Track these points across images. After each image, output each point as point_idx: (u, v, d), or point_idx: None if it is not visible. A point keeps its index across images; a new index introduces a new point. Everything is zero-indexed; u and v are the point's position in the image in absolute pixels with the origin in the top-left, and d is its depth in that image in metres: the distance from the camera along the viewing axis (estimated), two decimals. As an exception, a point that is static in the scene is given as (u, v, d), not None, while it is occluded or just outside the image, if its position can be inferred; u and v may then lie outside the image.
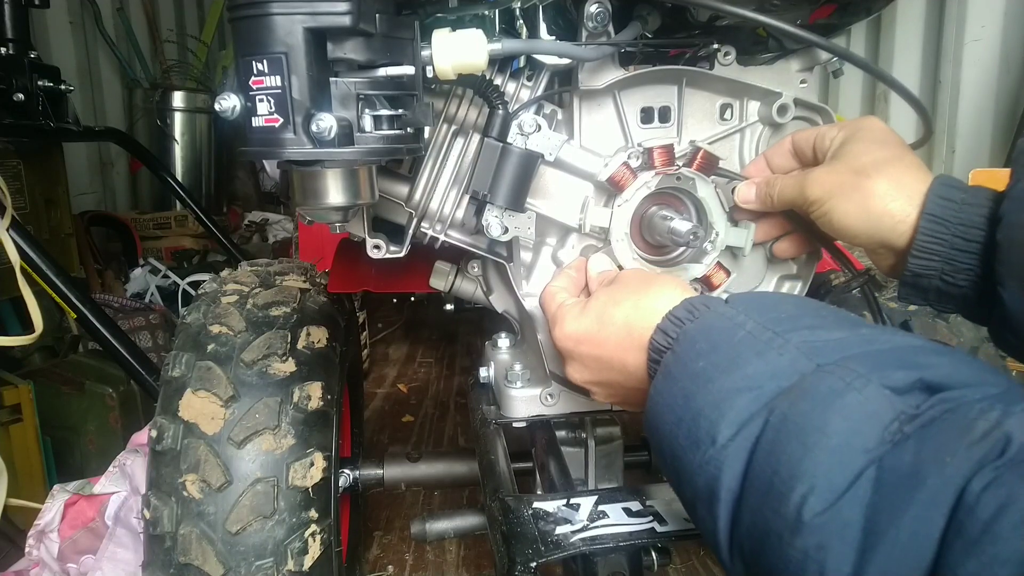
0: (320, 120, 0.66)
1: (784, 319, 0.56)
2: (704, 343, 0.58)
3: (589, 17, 0.85)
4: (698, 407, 0.54)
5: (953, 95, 1.98)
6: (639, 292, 0.71)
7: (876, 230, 0.72)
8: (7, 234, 1.61)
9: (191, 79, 4.66)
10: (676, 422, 0.56)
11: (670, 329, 0.63)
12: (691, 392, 0.56)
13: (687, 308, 0.63)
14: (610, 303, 0.72)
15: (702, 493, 0.53)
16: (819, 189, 0.75)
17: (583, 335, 0.74)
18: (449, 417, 2.46)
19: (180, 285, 3.13)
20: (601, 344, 0.71)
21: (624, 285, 0.74)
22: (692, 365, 0.57)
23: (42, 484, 1.92)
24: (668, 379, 0.60)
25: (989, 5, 1.88)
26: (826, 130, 0.80)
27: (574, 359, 0.76)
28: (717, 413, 0.52)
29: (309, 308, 1.10)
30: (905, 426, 0.43)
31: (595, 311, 0.73)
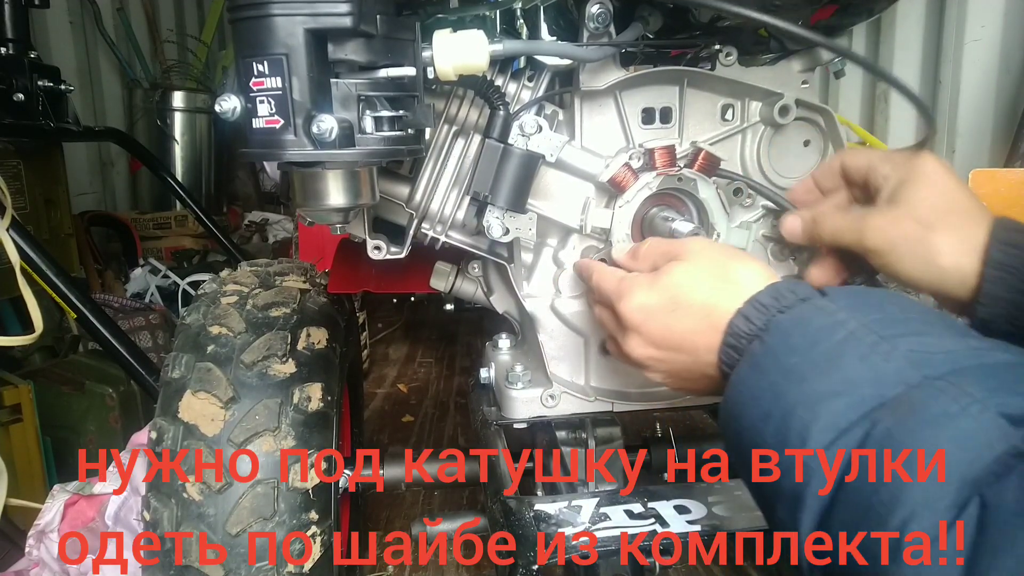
0: (321, 121, 0.66)
1: (890, 322, 0.53)
2: (800, 338, 0.55)
3: (590, 18, 0.84)
4: (789, 405, 0.52)
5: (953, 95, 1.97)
6: (721, 272, 0.67)
7: (942, 283, 0.69)
8: (7, 234, 1.61)
9: (191, 79, 4.66)
10: (763, 417, 0.55)
11: (754, 315, 0.60)
12: (782, 388, 0.54)
13: (773, 295, 0.60)
14: (689, 281, 0.67)
15: (785, 494, 0.52)
16: (881, 239, 0.72)
17: (655, 309, 0.69)
18: (449, 417, 2.46)
19: (180, 285, 3.13)
20: (675, 323, 0.67)
21: (701, 262, 0.69)
22: (785, 359, 0.55)
23: (42, 484, 1.92)
24: (756, 370, 0.57)
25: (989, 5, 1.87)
26: (879, 163, 0.76)
27: (639, 334, 0.71)
28: (811, 415, 0.50)
29: (309, 309, 1.10)
30: (1014, 460, 0.41)
31: (670, 287, 0.68)
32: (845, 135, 0.99)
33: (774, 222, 1.02)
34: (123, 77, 4.24)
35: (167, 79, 4.50)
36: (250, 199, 4.95)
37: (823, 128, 0.99)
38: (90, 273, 2.88)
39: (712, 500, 0.82)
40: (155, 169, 3.17)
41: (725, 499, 0.82)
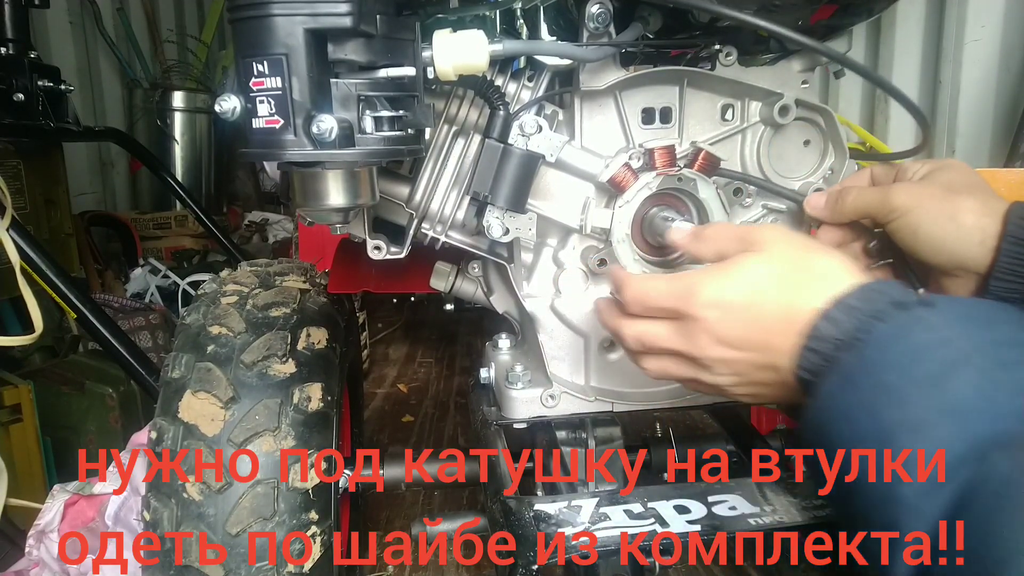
0: (321, 121, 0.66)
1: (1005, 344, 0.49)
2: (899, 354, 0.50)
3: (590, 18, 0.84)
4: (888, 429, 0.48)
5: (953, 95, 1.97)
6: (802, 266, 0.61)
7: (962, 245, 0.68)
8: (7, 234, 1.61)
9: (191, 79, 4.65)
10: (859, 439, 0.50)
11: (842, 320, 0.55)
12: (877, 408, 0.49)
13: (862, 297, 0.55)
14: (764, 273, 0.62)
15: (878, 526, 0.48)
16: (906, 197, 0.72)
17: (730, 303, 0.63)
18: (449, 417, 2.46)
19: (180, 285, 3.12)
20: (751, 319, 0.62)
21: (778, 254, 0.63)
22: (882, 375, 0.50)
23: (42, 484, 1.92)
24: (848, 385, 0.52)
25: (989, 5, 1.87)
26: (909, 163, 0.79)
27: (712, 332, 0.64)
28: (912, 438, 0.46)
29: (309, 309, 1.10)
30: None
31: (747, 282, 0.63)
32: (845, 135, 0.99)
33: (774, 221, 1.02)
34: (123, 77, 4.24)
35: (167, 79, 4.49)
36: (250, 199, 4.95)
37: (823, 128, 0.99)
38: (90, 273, 2.88)
39: (712, 500, 0.82)
40: (155, 169, 3.17)
41: (725, 499, 0.82)
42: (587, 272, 0.99)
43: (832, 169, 1.00)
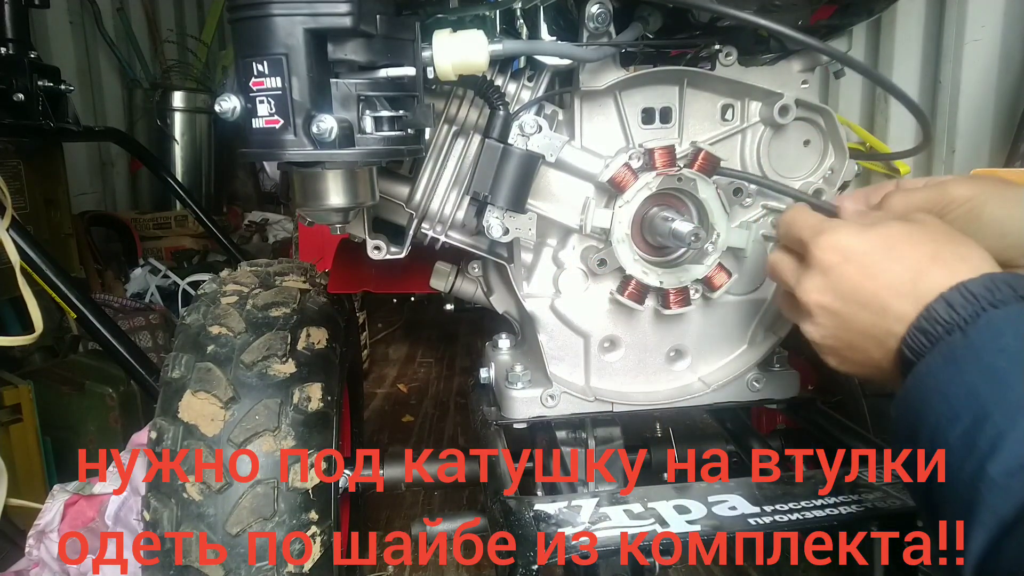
0: (321, 121, 0.66)
1: None
2: (1012, 339, 0.50)
3: (590, 18, 0.84)
4: (986, 409, 0.48)
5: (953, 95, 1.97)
6: (943, 241, 0.60)
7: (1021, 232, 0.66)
8: (7, 234, 1.61)
9: (191, 79, 4.65)
10: (951, 417, 0.50)
11: (959, 304, 0.54)
12: (979, 390, 0.49)
13: (986, 285, 0.54)
14: (906, 237, 0.61)
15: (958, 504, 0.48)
16: (965, 188, 0.69)
17: (858, 254, 0.62)
18: (449, 417, 2.46)
19: (180, 285, 3.12)
20: (875, 275, 0.61)
21: (927, 226, 0.63)
22: (989, 360, 0.50)
23: (42, 484, 1.92)
24: (951, 364, 0.52)
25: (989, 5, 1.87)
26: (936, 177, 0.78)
27: (826, 277, 0.64)
28: (1010, 424, 0.46)
29: (309, 309, 1.10)
30: None
31: (883, 237, 0.62)
32: (845, 135, 0.99)
33: (774, 221, 1.02)
34: (123, 77, 4.24)
35: (167, 79, 4.49)
36: (250, 199, 4.94)
37: (823, 128, 0.99)
38: (90, 273, 2.88)
39: (712, 500, 0.82)
40: (155, 169, 3.17)
41: (725, 499, 0.82)
42: (587, 272, 0.99)
43: (832, 169, 1.00)
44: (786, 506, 0.80)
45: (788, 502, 0.81)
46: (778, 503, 0.81)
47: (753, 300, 1.03)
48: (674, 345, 1.03)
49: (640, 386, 1.04)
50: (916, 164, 2.12)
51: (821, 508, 0.80)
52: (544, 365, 0.99)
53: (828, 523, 0.78)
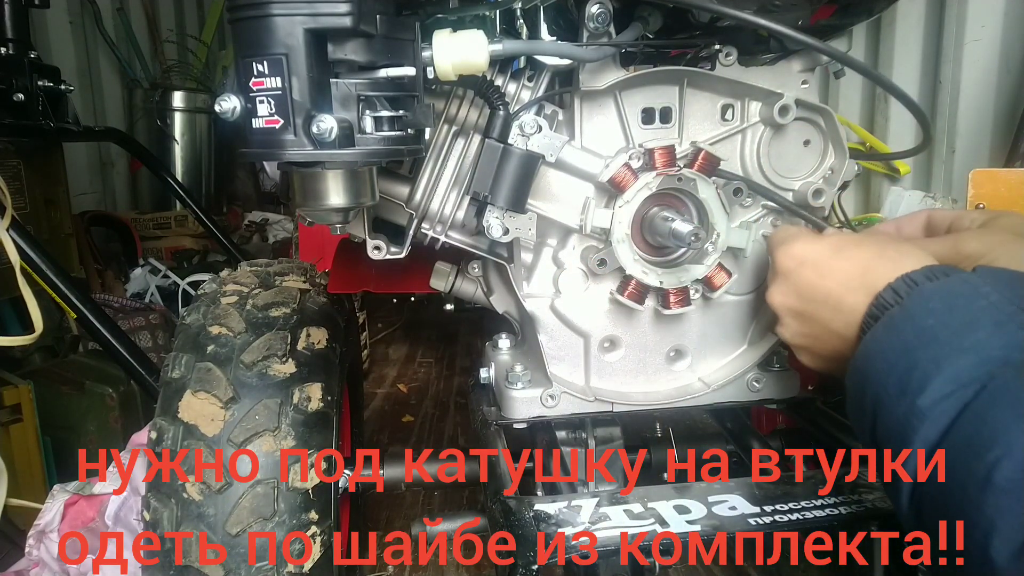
0: (321, 121, 0.66)
1: None
2: (939, 303, 0.58)
3: (590, 18, 0.84)
4: (915, 359, 0.55)
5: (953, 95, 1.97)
6: (888, 243, 0.69)
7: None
8: (7, 234, 1.61)
9: (191, 79, 4.65)
10: (887, 370, 0.57)
11: (902, 289, 0.62)
12: (912, 345, 0.56)
13: (927, 274, 0.62)
14: (853, 242, 0.70)
15: (895, 439, 0.55)
16: (977, 243, 0.73)
17: (811, 258, 0.72)
18: (449, 417, 2.46)
19: (180, 285, 3.12)
20: (827, 274, 0.69)
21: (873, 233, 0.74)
22: (920, 321, 0.57)
23: (42, 484, 1.92)
24: (890, 329, 0.60)
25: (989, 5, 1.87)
26: (965, 213, 0.80)
27: (787, 282, 0.74)
28: (935, 368, 0.53)
29: (309, 309, 1.10)
30: None
31: (833, 242, 0.71)
32: (845, 135, 0.99)
33: (774, 221, 1.02)
34: (123, 77, 4.24)
35: (167, 79, 4.49)
36: (250, 199, 4.95)
37: (823, 128, 0.99)
38: (90, 273, 2.88)
39: (712, 500, 0.82)
40: (155, 169, 3.17)
41: (725, 499, 0.82)
42: (587, 272, 0.99)
43: (832, 169, 1.00)
44: (786, 506, 0.80)
45: (788, 502, 0.81)
46: (778, 503, 0.81)
47: (753, 300, 1.03)
48: (674, 345, 1.03)
49: (640, 386, 1.04)
50: (916, 164, 2.12)
51: (821, 508, 0.80)
52: (544, 365, 0.99)
53: (828, 523, 0.78)
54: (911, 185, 2.14)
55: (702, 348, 1.04)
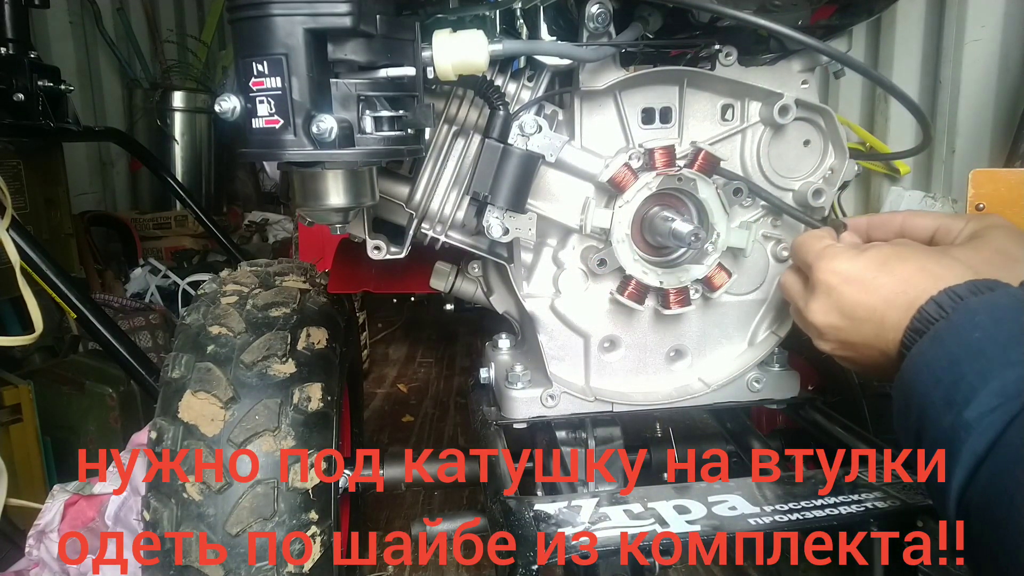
0: (320, 121, 0.66)
1: None
2: (986, 317, 0.57)
3: (590, 18, 0.84)
4: (961, 372, 0.55)
5: (953, 95, 1.97)
6: (929, 256, 0.68)
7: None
8: (7, 234, 1.61)
9: (191, 79, 4.65)
10: (934, 383, 0.57)
11: (946, 303, 0.62)
12: (958, 358, 0.56)
13: (970, 288, 0.62)
14: (895, 256, 0.69)
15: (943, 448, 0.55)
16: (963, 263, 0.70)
17: (854, 275, 0.70)
18: (449, 417, 2.46)
19: (180, 285, 3.12)
20: (871, 291, 0.69)
21: (913, 245, 0.71)
22: (967, 335, 0.57)
23: (42, 484, 1.92)
24: (935, 343, 0.60)
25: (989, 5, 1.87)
26: (951, 222, 0.78)
27: (828, 297, 0.73)
28: (981, 381, 0.53)
29: (309, 309, 1.10)
30: None
31: (876, 257, 0.70)
32: (845, 135, 0.99)
33: (774, 221, 1.02)
34: (123, 77, 4.24)
35: (167, 79, 4.49)
36: (250, 199, 4.94)
37: (823, 128, 0.99)
38: (90, 273, 2.88)
39: (712, 500, 0.82)
40: (155, 169, 3.16)
41: (725, 499, 0.82)
42: (587, 272, 0.99)
43: (832, 169, 1.00)
44: (786, 506, 0.80)
45: (788, 502, 0.81)
46: (778, 503, 0.81)
47: (753, 300, 1.03)
48: (674, 345, 1.03)
49: (640, 386, 1.04)
50: (916, 164, 2.12)
51: (821, 508, 0.80)
52: (544, 365, 0.99)
53: (828, 523, 0.78)
54: (911, 185, 2.14)
55: (702, 348, 1.05)
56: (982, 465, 0.51)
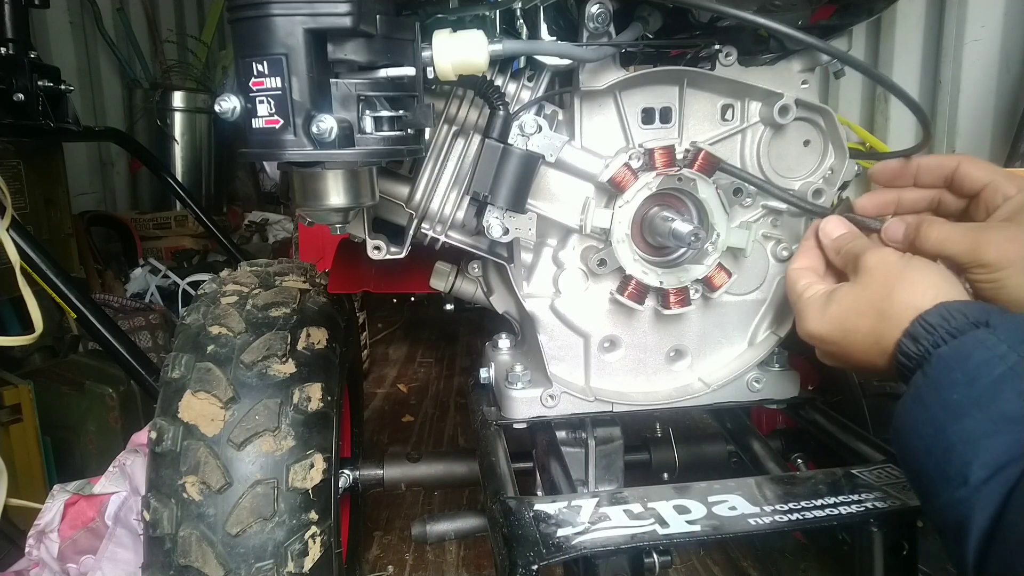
0: (320, 121, 0.66)
1: None
2: (960, 373, 0.56)
3: (590, 18, 0.84)
4: (950, 442, 0.55)
5: (953, 95, 1.97)
6: (885, 298, 0.67)
7: None
8: (7, 234, 1.61)
9: (191, 79, 4.65)
10: (925, 451, 0.57)
11: (922, 336, 0.62)
12: (942, 423, 0.56)
13: (941, 315, 0.61)
14: (853, 312, 0.70)
15: (950, 526, 0.55)
16: (997, 253, 0.67)
17: (826, 338, 0.73)
18: (449, 417, 2.46)
19: (180, 285, 3.12)
20: (846, 349, 0.71)
21: (868, 287, 0.70)
22: (945, 394, 0.57)
23: (42, 484, 1.92)
24: (918, 403, 0.59)
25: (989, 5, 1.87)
26: (1003, 182, 0.74)
27: (819, 351, 0.77)
28: (971, 452, 0.53)
29: (309, 309, 1.10)
30: None
31: (838, 317, 0.72)
32: (845, 135, 0.99)
33: (774, 221, 1.02)
34: (123, 77, 4.24)
35: (167, 79, 4.49)
36: (250, 199, 4.94)
37: (823, 128, 0.99)
38: (90, 273, 2.88)
39: (712, 500, 0.82)
40: (155, 169, 3.17)
41: (725, 499, 0.82)
42: (587, 272, 0.99)
43: (832, 169, 1.00)
44: (786, 506, 0.80)
45: (788, 502, 0.81)
46: (778, 503, 0.81)
47: (753, 300, 1.03)
48: (674, 345, 1.03)
49: (640, 386, 1.04)
50: (916, 164, 2.12)
51: (821, 508, 0.79)
52: (544, 365, 0.99)
53: (828, 523, 0.78)
54: (911, 185, 2.13)
55: (702, 348, 1.04)
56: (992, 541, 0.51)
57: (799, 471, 1.01)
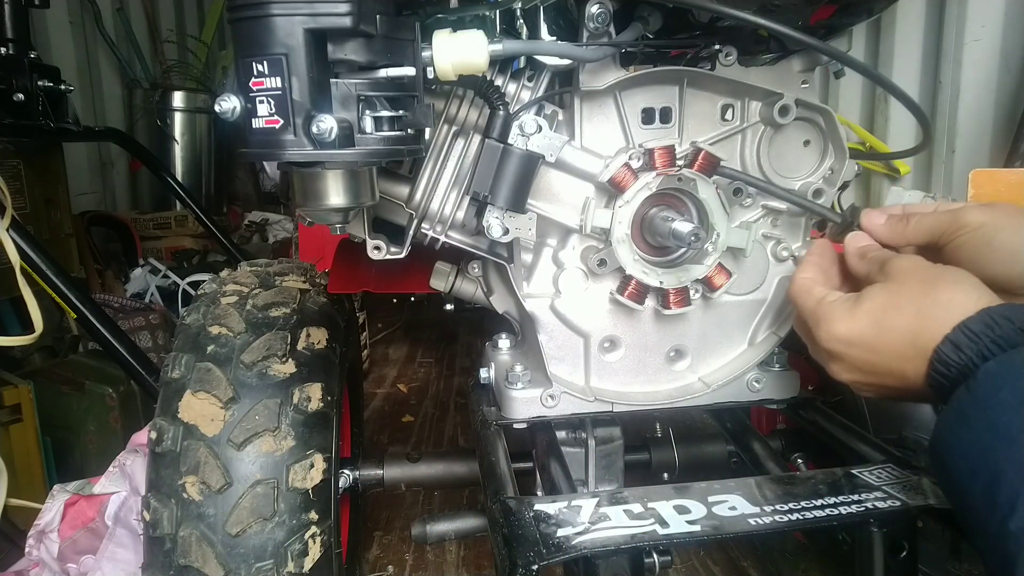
0: (320, 121, 0.66)
1: None
2: (1010, 394, 0.53)
3: (590, 18, 0.84)
4: (999, 467, 0.52)
5: (953, 95, 1.97)
6: (924, 295, 0.64)
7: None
8: (7, 234, 1.61)
9: (191, 79, 4.65)
10: (970, 473, 0.54)
11: (964, 345, 0.59)
12: (991, 447, 0.53)
13: (985, 322, 0.58)
14: (890, 307, 0.66)
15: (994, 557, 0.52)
16: (978, 213, 0.70)
17: (857, 339, 0.68)
18: (449, 417, 2.46)
19: (180, 285, 3.12)
20: (878, 351, 0.67)
21: (904, 284, 0.67)
22: (994, 415, 0.54)
23: (42, 484, 1.92)
24: (962, 421, 0.56)
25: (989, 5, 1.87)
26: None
27: (842, 360, 0.71)
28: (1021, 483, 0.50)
29: (309, 309, 1.10)
30: None
31: (871, 314, 0.68)
32: (845, 135, 0.99)
33: (774, 221, 1.02)
34: (123, 77, 4.24)
35: (167, 79, 4.49)
36: (250, 199, 4.94)
37: (823, 128, 0.99)
38: (90, 273, 2.88)
39: (712, 500, 0.82)
40: (155, 169, 3.17)
41: (725, 499, 0.82)
42: (587, 272, 0.99)
43: (832, 169, 1.00)
44: (786, 506, 0.80)
45: (788, 502, 0.81)
46: (778, 503, 0.80)
47: (753, 300, 1.03)
48: (674, 345, 1.03)
49: (640, 386, 1.04)
50: (916, 164, 2.12)
51: (821, 508, 0.79)
52: (544, 365, 0.99)
53: (828, 523, 0.78)
54: (911, 185, 2.14)
55: (702, 348, 1.04)
56: None
57: (799, 471, 1.00)
